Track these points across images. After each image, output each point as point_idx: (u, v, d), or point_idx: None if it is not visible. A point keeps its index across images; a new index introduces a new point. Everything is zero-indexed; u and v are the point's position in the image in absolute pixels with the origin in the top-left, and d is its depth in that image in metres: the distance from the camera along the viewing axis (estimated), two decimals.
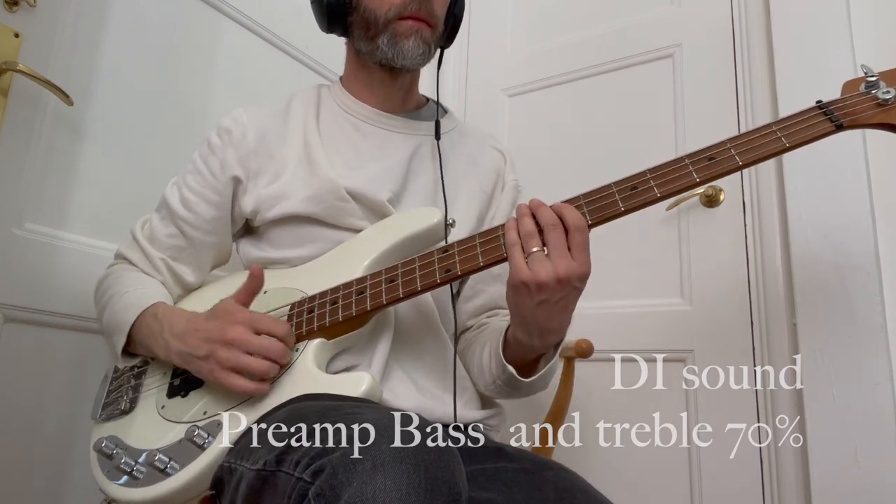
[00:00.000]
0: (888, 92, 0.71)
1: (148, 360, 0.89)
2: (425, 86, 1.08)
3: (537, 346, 0.78)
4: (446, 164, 0.97)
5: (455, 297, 1.00)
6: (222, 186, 0.92)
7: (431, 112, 1.03)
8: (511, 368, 0.82)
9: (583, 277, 0.70)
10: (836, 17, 1.29)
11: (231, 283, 0.93)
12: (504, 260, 0.75)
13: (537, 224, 0.72)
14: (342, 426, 0.56)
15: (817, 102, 0.73)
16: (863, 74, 0.74)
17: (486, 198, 1.00)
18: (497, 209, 1.01)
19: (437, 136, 0.97)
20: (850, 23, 1.27)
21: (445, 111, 1.05)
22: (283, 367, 0.76)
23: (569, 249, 0.70)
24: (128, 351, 0.88)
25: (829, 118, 0.71)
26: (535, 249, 0.70)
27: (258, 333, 0.75)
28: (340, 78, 1.03)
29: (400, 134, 0.97)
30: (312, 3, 0.96)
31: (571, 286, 0.70)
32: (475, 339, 0.95)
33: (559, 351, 0.83)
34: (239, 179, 0.92)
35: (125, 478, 0.75)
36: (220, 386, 0.75)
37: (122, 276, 0.92)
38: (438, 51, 0.99)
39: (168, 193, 0.95)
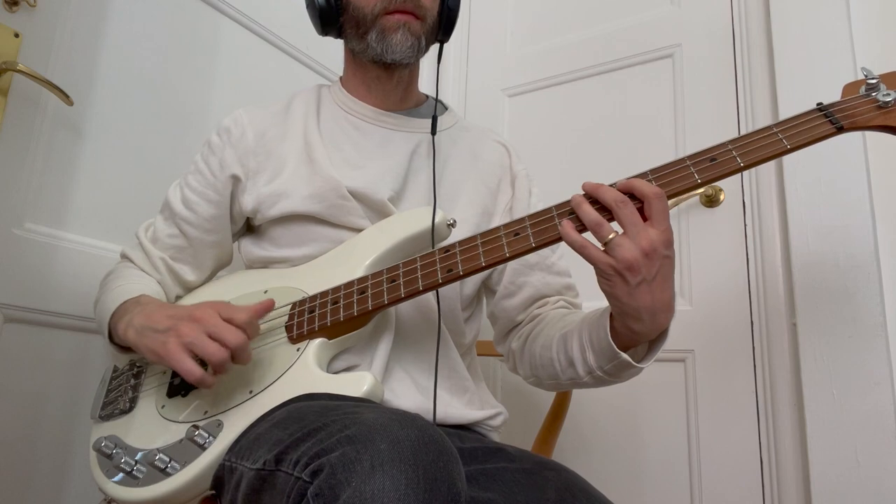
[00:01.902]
0: (888, 94, 0.71)
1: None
2: (425, 83, 1.08)
3: (650, 332, 0.73)
4: (448, 160, 0.97)
5: (489, 294, 0.99)
6: (222, 185, 0.93)
7: (431, 109, 1.02)
8: (626, 356, 0.75)
9: (668, 244, 0.69)
10: (836, 16, 1.29)
11: (229, 283, 0.94)
12: (504, 261, 0.75)
13: (600, 207, 0.70)
14: (341, 426, 0.56)
15: (818, 104, 0.73)
16: (863, 77, 0.74)
17: (491, 192, 0.99)
18: (515, 201, 1.00)
19: (433, 131, 0.96)
20: (850, 22, 1.27)
21: (445, 108, 1.05)
22: (237, 358, 0.74)
23: (646, 220, 0.69)
24: (115, 343, 0.88)
25: (830, 120, 0.72)
26: (610, 237, 0.69)
27: (225, 321, 0.74)
28: (340, 78, 1.03)
29: (400, 132, 0.97)
30: (307, 8, 0.96)
31: (661, 256, 0.68)
32: (539, 332, 0.92)
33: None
34: (238, 178, 0.92)
35: (125, 477, 0.75)
36: (166, 363, 0.73)
37: (119, 272, 0.94)
38: (438, 45, 0.99)
39: (170, 194, 0.96)
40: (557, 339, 0.85)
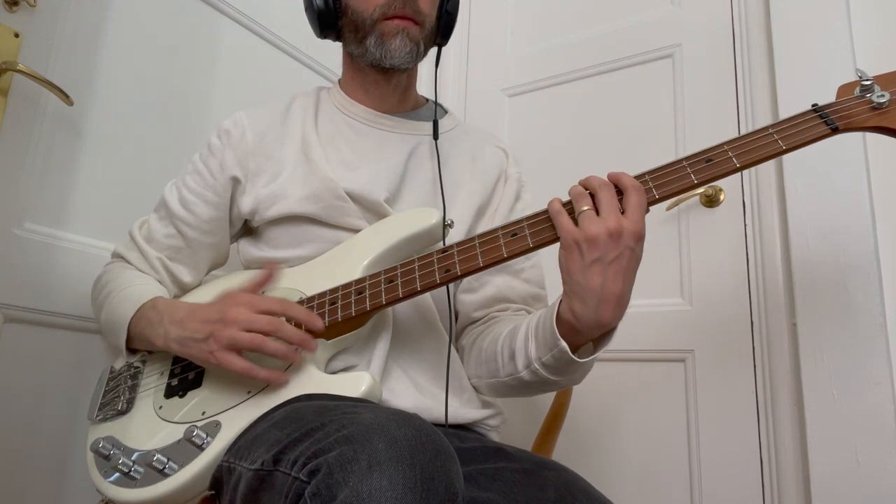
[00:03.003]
0: (883, 96, 0.71)
1: (145, 360, 0.89)
2: (424, 86, 1.08)
3: (591, 320, 0.71)
4: (447, 162, 0.97)
5: (455, 291, 1.00)
6: (221, 187, 0.93)
7: (430, 112, 1.03)
8: (564, 344, 0.73)
9: (636, 236, 0.69)
10: (836, 16, 1.29)
11: (226, 284, 0.93)
12: (502, 261, 0.75)
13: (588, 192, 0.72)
14: (339, 426, 0.56)
15: (813, 105, 0.74)
16: (857, 78, 0.74)
17: (487, 193, 0.99)
18: (500, 201, 1.00)
19: (436, 135, 0.97)
20: (850, 22, 1.27)
21: (445, 111, 1.05)
22: (286, 340, 0.74)
23: (623, 211, 0.70)
24: (127, 346, 0.88)
25: (825, 121, 0.72)
26: (585, 208, 0.70)
27: (260, 313, 0.75)
28: (339, 81, 1.03)
29: (397, 134, 0.97)
30: (306, 10, 0.96)
31: (625, 245, 0.68)
32: (489, 329, 0.92)
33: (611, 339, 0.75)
34: (237, 180, 0.93)
35: (123, 478, 0.75)
36: (220, 370, 0.74)
37: (120, 273, 0.93)
38: (435, 49, 0.99)
39: (167, 194, 0.96)
40: (506, 333, 0.85)
